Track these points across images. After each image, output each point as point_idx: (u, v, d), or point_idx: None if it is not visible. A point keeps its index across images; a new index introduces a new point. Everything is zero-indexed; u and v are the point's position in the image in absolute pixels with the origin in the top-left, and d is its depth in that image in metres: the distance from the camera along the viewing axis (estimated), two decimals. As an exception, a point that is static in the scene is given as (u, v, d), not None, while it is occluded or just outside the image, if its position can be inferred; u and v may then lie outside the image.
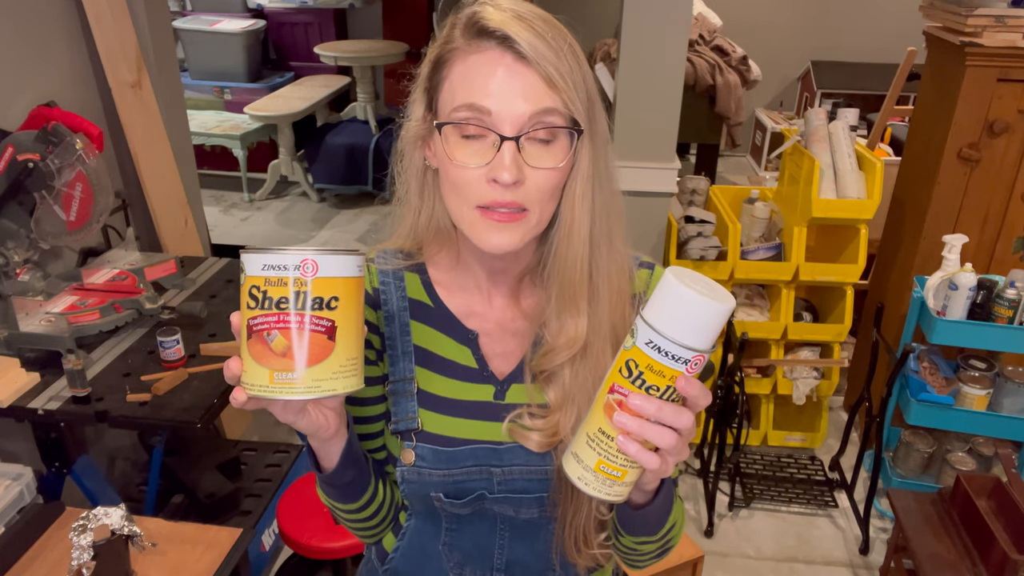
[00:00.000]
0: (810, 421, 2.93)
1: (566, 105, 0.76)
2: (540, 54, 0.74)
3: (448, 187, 0.80)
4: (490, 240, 0.78)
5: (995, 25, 2.34)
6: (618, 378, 0.68)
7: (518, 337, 0.89)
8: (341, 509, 0.91)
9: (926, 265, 2.57)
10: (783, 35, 5.56)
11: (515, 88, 0.74)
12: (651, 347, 0.66)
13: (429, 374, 0.88)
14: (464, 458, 0.86)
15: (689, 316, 0.64)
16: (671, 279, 0.65)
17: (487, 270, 0.88)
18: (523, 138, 0.75)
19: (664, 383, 0.66)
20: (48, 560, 1.47)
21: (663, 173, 2.63)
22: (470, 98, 0.75)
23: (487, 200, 0.76)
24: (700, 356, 0.66)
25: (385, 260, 0.91)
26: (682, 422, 0.66)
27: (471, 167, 0.76)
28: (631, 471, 0.69)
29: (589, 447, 0.69)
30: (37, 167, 1.87)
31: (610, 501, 0.71)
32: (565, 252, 0.82)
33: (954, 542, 2.06)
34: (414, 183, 0.86)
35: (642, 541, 0.85)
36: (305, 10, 5.43)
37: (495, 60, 0.75)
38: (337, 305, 0.67)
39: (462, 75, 0.77)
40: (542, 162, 0.76)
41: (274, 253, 0.66)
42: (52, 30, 2.17)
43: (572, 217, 0.81)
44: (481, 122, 0.75)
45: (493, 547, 0.92)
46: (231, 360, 0.69)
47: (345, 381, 0.69)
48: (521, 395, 0.87)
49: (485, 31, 0.75)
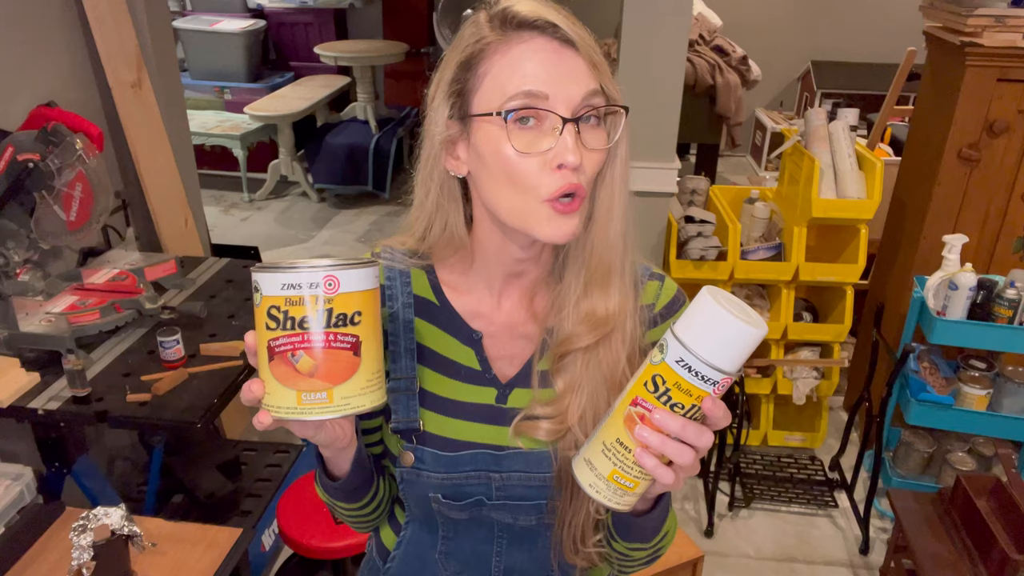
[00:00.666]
0: (810, 421, 2.93)
1: (605, 87, 0.78)
2: (581, 38, 0.76)
3: (503, 184, 0.77)
4: (558, 230, 0.77)
5: (995, 25, 2.34)
6: (642, 391, 0.67)
7: (524, 340, 0.88)
8: (342, 507, 0.91)
9: (926, 265, 2.57)
10: (783, 35, 5.56)
11: (565, 72, 0.75)
12: (681, 365, 0.65)
13: (431, 373, 0.88)
14: (464, 463, 0.85)
15: (724, 339, 0.64)
16: (709, 300, 0.64)
17: (504, 273, 0.87)
18: (580, 121, 0.76)
19: (690, 402, 0.66)
20: (48, 560, 1.47)
21: (663, 173, 2.63)
22: (524, 85, 0.75)
23: (556, 188, 0.75)
24: (728, 379, 0.66)
25: (392, 256, 0.90)
26: (703, 441, 0.67)
27: (534, 154, 0.75)
28: (643, 483, 0.69)
29: (604, 456, 0.69)
30: (37, 167, 1.87)
31: (617, 510, 0.71)
32: (605, 232, 0.82)
33: (954, 542, 2.06)
34: (435, 191, 0.84)
35: (635, 547, 0.85)
36: (305, 10, 5.43)
37: (542, 47, 0.75)
38: (360, 320, 0.66)
39: (508, 66, 0.76)
40: (595, 144, 0.77)
41: (293, 272, 0.64)
42: (52, 30, 2.17)
43: (613, 198, 0.81)
44: (539, 107, 0.75)
45: (491, 555, 0.92)
46: (252, 383, 0.68)
47: (372, 396, 0.68)
48: (524, 399, 0.86)
49: (525, 22, 0.76)
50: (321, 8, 5.41)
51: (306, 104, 4.90)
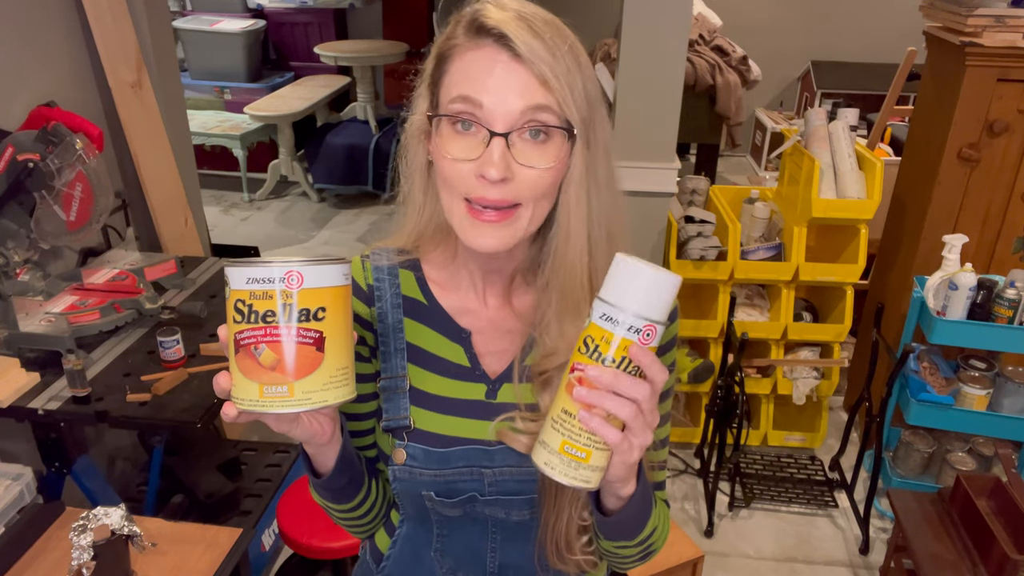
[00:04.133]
0: (810, 421, 2.93)
1: (560, 105, 0.76)
2: (535, 53, 0.75)
3: (440, 181, 0.80)
4: (478, 240, 0.78)
5: (995, 25, 2.34)
6: (577, 356, 0.69)
7: (511, 336, 0.89)
8: (335, 508, 0.91)
9: (926, 265, 2.57)
10: (783, 35, 5.55)
11: (508, 85, 0.75)
12: (604, 319, 0.67)
13: (421, 372, 0.88)
14: (455, 459, 0.86)
15: (637, 285, 0.67)
16: (621, 256, 0.68)
17: (481, 269, 0.89)
18: (514, 135, 0.75)
19: (619, 354, 0.67)
20: (48, 560, 1.47)
21: (663, 173, 2.63)
22: (464, 91, 0.76)
23: (473, 195, 0.77)
24: (652, 326, 0.67)
25: (380, 257, 0.91)
26: (639, 392, 0.67)
27: (461, 160, 0.77)
28: (595, 452, 0.69)
29: (553, 429, 0.70)
30: (37, 167, 1.87)
31: (578, 487, 0.71)
32: (564, 256, 0.82)
33: (954, 542, 2.06)
34: (417, 179, 0.86)
35: (621, 545, 0.84)
36: (305, 10, 5.43)
37: (491, 57, 0.76)
38: (324, 316, 0.67)
39: (459, 70, 0.78)
40: (533, 161, 0.76)
41: (258, 266, 0.65)
42: (52, 30, 2.17)
43: (568, 222, 0.81)
44: (473, 115, 0.76)
45: (486, 550, 0.92)
46: (220, 375, 0.69)
47: (336, 392, 0.68)
48: (513, 395, 0.87)
49: (484, 28, 0.76)
50: (321, 8, 5.41)
51: (306, 104, 4.90)
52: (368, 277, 0.90)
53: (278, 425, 0.71)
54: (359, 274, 0.90)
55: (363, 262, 0.91)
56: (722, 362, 2.69)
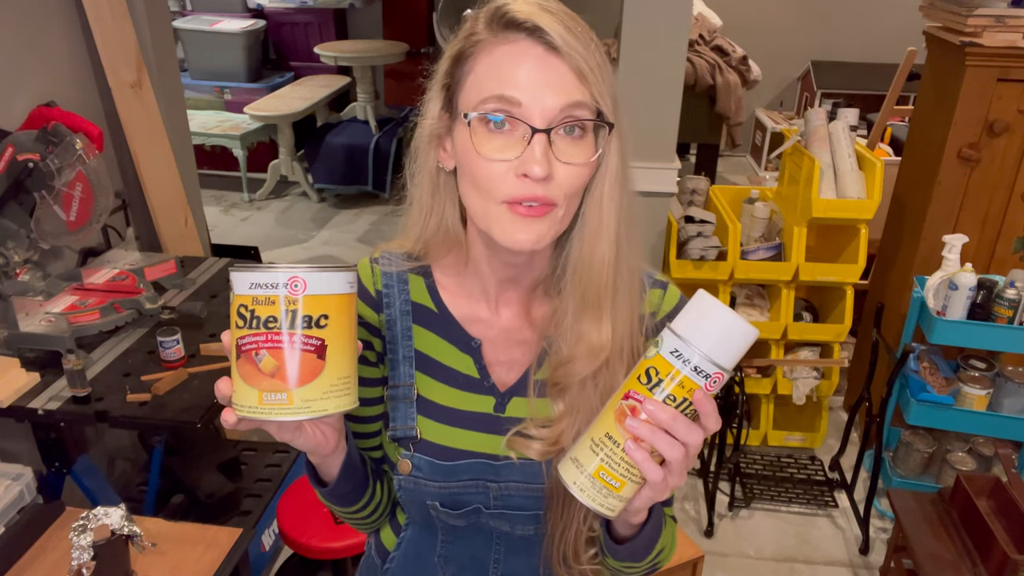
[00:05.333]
0: (810, 421, 2.93)
1: (595, 99, 0.74)
2: (570, 46, 0.72)
3: (470, 184, 0.77)
4: (516, 236, 0.75)
5: (995, 25, 2.34)
6: (635, 385, 0.67)
7: (523, 347, 0.87)
8: (339, 510, 0.91)
9: (926, 265, 2.57)
10: (783, 35, 5.55)
11: (546, 79, 0.73)
12: (675, 356, 0.65)
13: (429, 381, 0.87)
14: (461, 472, 0.85)
15: (720, 331, 0.65)
16: (706, 295, 0.66)
17: (497, 278, 0.85)
18: (553, 132, 0.73)
19: (682, 395, 0.65)
20: (48, 560, 1.47)
21: (663, 173, 2.63)
22: (499, 89, 0.73)
23: (516, 195, 0.74)
24: (720, 375, 0.65)
25: (389, 262, 0.88)
26: (693, 437, 0.66)
27: (499, 160, 0.73)
28: (629, 484, 0.68)
29: (592, 451, 0.68)
30: (37, 167, 1.87)
31: (601, 514, 0.70)
32: (591, 254, 0.79)
33: (954, 542, 2.06)
34: (427, 184, 0.83)
35: (628, 565, 0.84)
36: (305, 10, 5.43)
37: (525, 51, 0.73)
38: (327, 323, 0.65)
39: (490, 67, 0.75)
40: (572, 157, 0.74)
41: (261, 271, 0.64)
42: (52, 30, 2.17)
43: (600, 218, 0.78)
44: (511, 114, 0.73)
45: (489, 560, 0.91)
46: (221, 381, 0.68)
47: (337, 401, 0.67)
48: (522, 409, 0.85)
49: (514, 23, 0.74)
50: (321, 8, 5.40)
51: (306, 104, 4.89)
52: (377, 282, 0.87)
53: (280, 434, 0.70)
54: (368, 279, 0.88)
55: (372, 266, 0.88)
56: (722, 362, 2.68)
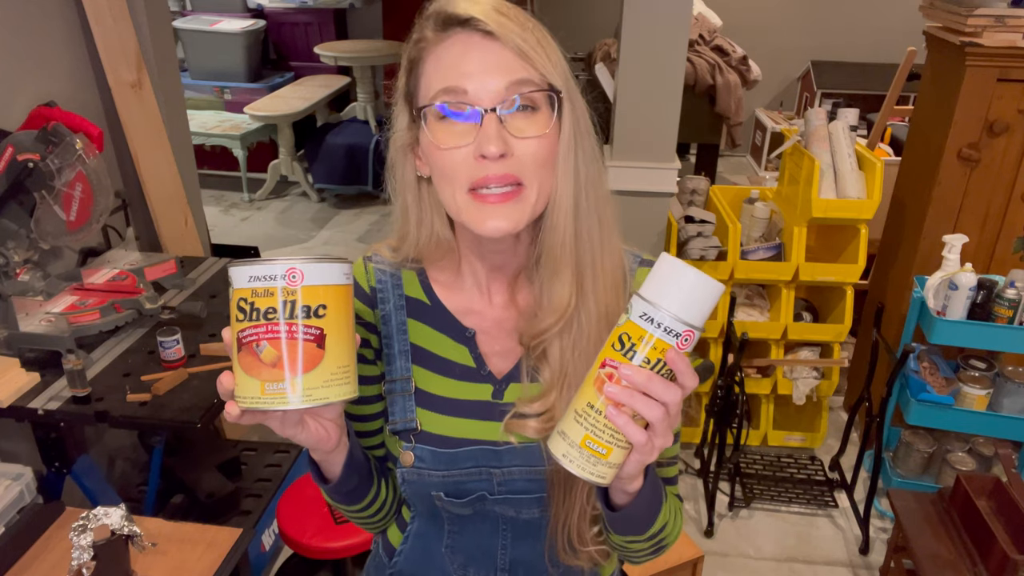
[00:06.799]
0: (810, 421, 2.93)
1: (542, 75, 0.76)
2: (506, 27, 0.75)
3: (438, 178, 0.79)
4: (487, 224, 0.77)
5: (995, 25, 2.34)
6: (610, 352, 0.69)
7: (516, 335, 0.88)
8: (344, 509, 0.91)
9: (926, 265, 2.57)
10: (783, 35, 5.56)
11: (487, 64, 0.75)
12: (644, 319, 0.67)
13: (427, 373, 0.88)
14: (463, 460, 0.86)
15: (683, 289, 0.66)
16: (668, 257, 0.68)
17: (487, 266, 0.88)
18: (502, 109, 0.75)
19: (655, 355, 0.67)
20: (48, 560, 1.47)
21: (663, 173, 2.63)
22: (445, 82, 0.76)
23: (478, 177, 0.76)
24: (691, 332, 0.67)
25: (382, 259, 0.91)
26: (670, 396, 0.67)
27: (457, 148, 0.76)
28: (616, 450, 0.69)
29: (576, 422, 0.70)
30: (37, 167, 1.87)
31: (593, 482, 0.71)
32: (551, 218, 0.81)
33: (954, 542, 2.06)
34: (410, 196, 0.85)
35: (631, 540, 0.84)
36: (305, 10, 5.43)
37: (464, 41, 0.76)
38: (325, 313, 0.67)
39: (436, 65, 0.78)
40: (527, 131, 0.76)
41: (260, 264, 0.66)
42: (52, 30, 2.17)
43: (555, 183, 0.80)
44: (460, 101, 0.75)
45: (496, 548, 0.92)
46: (223, 376, 0.69)
47: (338, 389, 0.68)
48: (520, 394, 0.86)
49: (451, 19, 0.76)
50: (321, 8, 5.41)
51: (306, 104, 4.90)
52: (371, 280, 0.89)
53: (282, 428, 0.71)
54: (362, 277, 0.90)
55: (366, 264, 0.90)
56: (722, 362, 2.69)
